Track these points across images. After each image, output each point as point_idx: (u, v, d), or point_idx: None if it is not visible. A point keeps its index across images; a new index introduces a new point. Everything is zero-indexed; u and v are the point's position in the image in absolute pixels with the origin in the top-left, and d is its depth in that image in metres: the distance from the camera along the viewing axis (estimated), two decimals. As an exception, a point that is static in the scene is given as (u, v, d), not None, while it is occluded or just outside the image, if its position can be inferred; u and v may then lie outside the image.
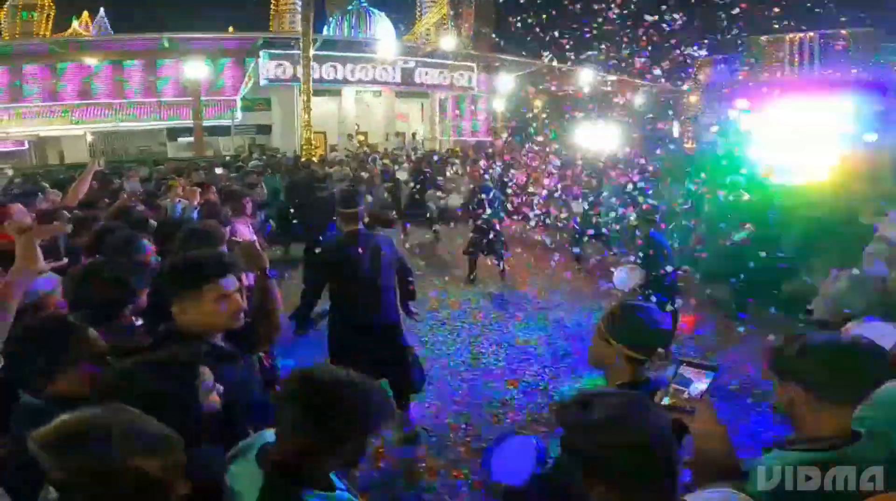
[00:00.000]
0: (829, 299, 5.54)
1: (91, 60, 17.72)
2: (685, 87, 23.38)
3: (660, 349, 1.66)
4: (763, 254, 5.74)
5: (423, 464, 3.37)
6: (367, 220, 3.63)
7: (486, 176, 8.37)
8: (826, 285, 5.64)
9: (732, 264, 6.01)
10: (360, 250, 3.35)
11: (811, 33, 20.19)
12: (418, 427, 3.69)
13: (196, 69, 16.64)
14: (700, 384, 1.28)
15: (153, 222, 3.35)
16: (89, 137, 18.18)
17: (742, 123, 13.16)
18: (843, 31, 19.33)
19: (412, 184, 9.95)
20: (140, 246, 2.55)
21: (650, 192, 7.74)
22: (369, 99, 20.06)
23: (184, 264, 1.76)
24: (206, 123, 18.01)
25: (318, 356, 4.74)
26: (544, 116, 22.42)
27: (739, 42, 21.98)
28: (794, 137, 9.47)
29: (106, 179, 6.03)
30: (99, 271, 1.99)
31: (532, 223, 8.74)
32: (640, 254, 4.73)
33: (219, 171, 7.77)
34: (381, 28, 24.49)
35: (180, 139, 18.62)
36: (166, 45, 17.11)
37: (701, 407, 1.24)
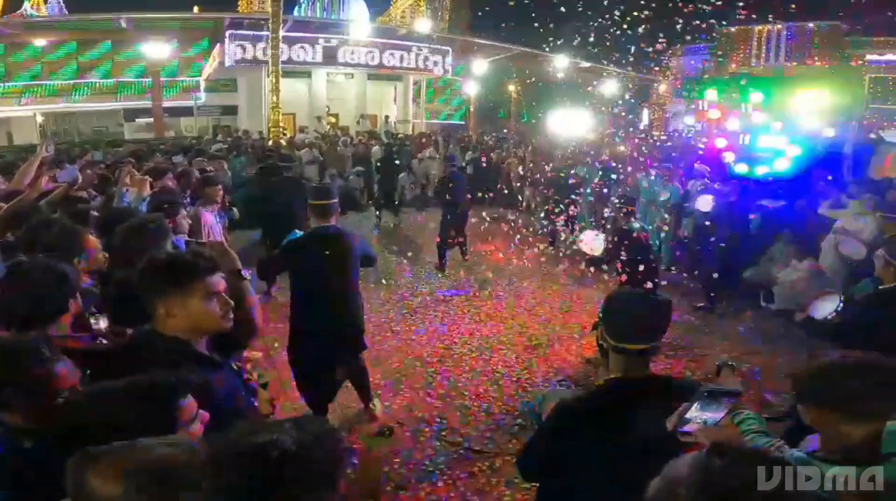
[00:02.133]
0: (787, 290, 5.75)
1: (42, 42, 16.80)
2: (656, 76, 23.68)
3: (652, 344, 1.56)
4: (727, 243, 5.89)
5: (398, 459, 3.31)
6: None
7: (454, 164, 8.25)
8: (785, 274, 5.86)
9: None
10: (328, 251, 3.16)
11: (779, 25, 20.62)
12: (392, 422, 3.63)
13: (157, 50, 15.90)
14: (717, 414, 1.25)
15: (94, 214, 3.10)
16: (39, 118, 17.18)
17: (710, 113, 13.45)
18: (811, 25, 19.82)
19: (384, 168, 9.72)
20: (84, 240, 2.34)
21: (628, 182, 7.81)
22: (341, 81, 19.54)
23: (170, 260, 1.63)
24: (166, 104, 17.25)
25: (280, 350, 4.64)
26: (519, 100, 22.44)
27: (709, 32, 22.31)
28: (757, 129, 9.71)
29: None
30: (23, 274, 1.76)
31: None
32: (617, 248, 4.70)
33: (178, 159, 7.33)
34: (355, 10, 23.72)
35: (138, 120, 17.76)
36: (123, 25, 16.23)
37: (722, 435, 1.23)
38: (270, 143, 11.76)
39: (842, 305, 3.13)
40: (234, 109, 18.52)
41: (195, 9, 20.43)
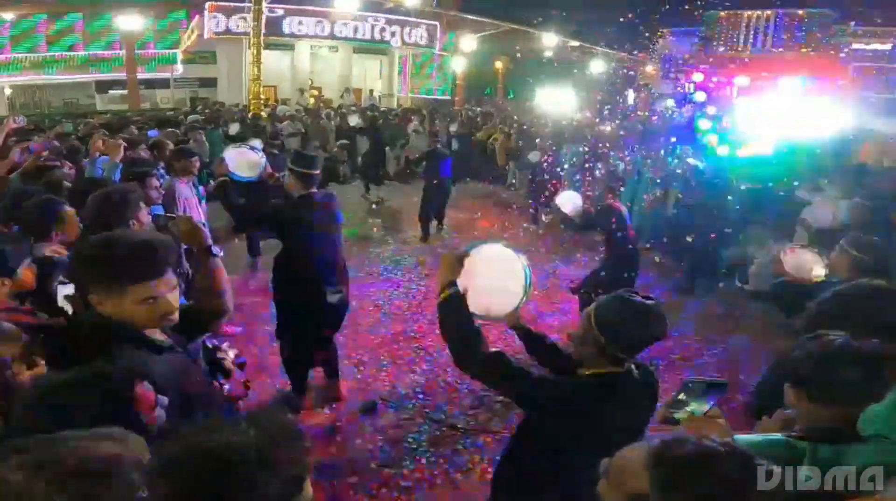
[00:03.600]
0: (761, 273, 5.83)
1: (10, 15, 15.91)
2: (644, 57, 23.56)
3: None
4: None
5: (381, 436, 3.28)
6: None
7: (439, 140, 8.18)
8: (761, 256, 5.96)
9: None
10: (314, 216, 3.11)
11: (769, 11, 20.56)
12: (375, 399, 3.60)
13: (130, 21, 15.23)
14: (702, 405, 1.22)
15: (67, 184, 2.96)
16: (7, 90, 16.40)
17: (696, 96, 13.47)
18: (800, 12, 19.79)
19: (370, 141, 9.57)
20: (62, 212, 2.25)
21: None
22: (325, 54, 19.00)
23: (109, 253, 1.38)
24: (142, 76, 16.59)
25: (262, 325, 4.56)
26: (506, 77, 22.18)
27: (698, 15, 22.18)
28: (742, 112, 9.76)
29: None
30: None
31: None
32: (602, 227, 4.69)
33: (153, 134, 7.01)
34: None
35: (112, 92, 17.06)
36: None
37: (709, 425, 1.21)
38: (251, 114, 11.43)
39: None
40: (214, 82, 17.90)
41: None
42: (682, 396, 1.22)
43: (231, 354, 2.46)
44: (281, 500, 0.79)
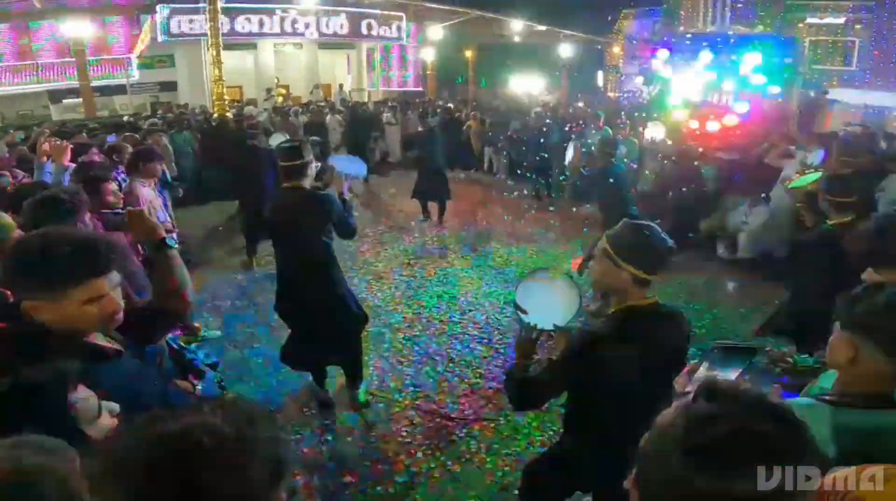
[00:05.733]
0: (748, 238, 5.92)
1: None
2: (609, 38, 23.72)
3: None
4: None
5: (373, 432, 3.17)
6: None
7: (430, 124, 8.09)
8: (734, 215, 6.03)
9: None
10: (304, 211, 2.96)
11: (723, -10, 20.89)
12: (366, 393, 3.48)
13: (78, 28, 14.59)
14: (731, 372, 1.14)
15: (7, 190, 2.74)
16: (-44, 105, 15.59)
17: (664, 72, 13.63)
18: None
19: (350, 134, 9.37)
20: None
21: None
22: (290, 51, 18.52)
23: (44, 253, 1.24)
24: (96, 83, 15.91)
25: (244, 328, 4.40)
26: (476, 65, 22.05)
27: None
28: (709, 87, 9.90)
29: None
30: None
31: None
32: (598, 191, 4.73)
33: (111, 139, 6.63)
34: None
35: (66, 101, 16.39)
36: (37, 5, 14.77)
37: None
38: (215, 116, 11.06)
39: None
40: (174, 85, 17.34)
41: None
42: (705, 363, 1.13)
43: (201, 354, 2.32)
44: (262, 488, 0.66)
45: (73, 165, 3.21)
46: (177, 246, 1.67)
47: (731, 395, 0.70)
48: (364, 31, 18.38)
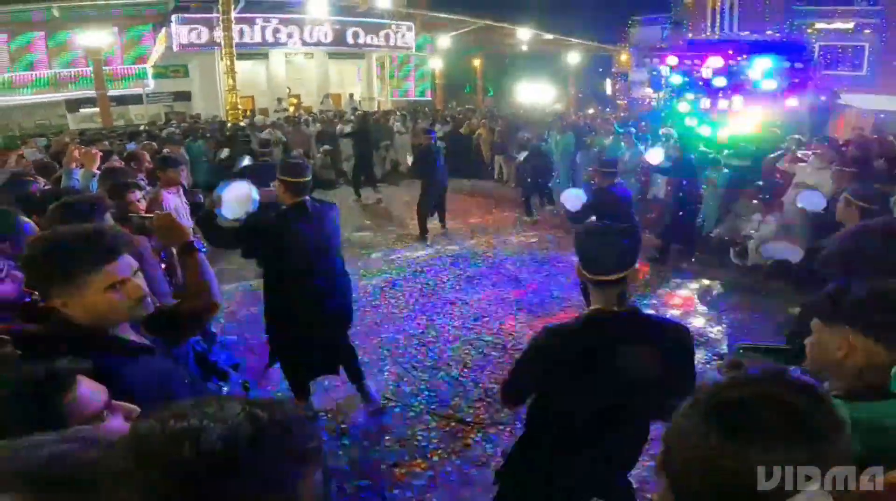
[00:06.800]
0: (759, 245, 5.88)
1: None
2: (617, 46, 23.77)
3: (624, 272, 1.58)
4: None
5: (389, 436, 3.20)
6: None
7: (434, 137, 8.12)
8: (746, 222, 6.00)
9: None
10: (308, 225, 2.92)
11: (730, -5, 20.90)
12: (381, 398, 3.51)
13: (95, 38, 14.90)
14: None
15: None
16: (-24, 115, 15.95)
17: (672, 79, 13.61)
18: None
19: (360, 143, 9.45)
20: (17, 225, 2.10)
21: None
22: (300, 61, 18.79)
23: (51, 248, 1.30)
24: (112, 93, 16.23)
25: (260, 334, 4.46)
26: (484, 74, 22.17)
27: (668, 2, 22.44)
28: (720, 94, 9.87)
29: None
30: None
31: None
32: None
33: (131, 146, 6.76)
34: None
35: (83, 110, 16.68)
36: (56, 14, 15.13)
37: None
38: (229, 125, 11.25)
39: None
40: (188, 95, 17.62)
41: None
42: (730, 365, 1.14)
43: (223, 356, 2.37)
44: (285, 481, 0.66)
45: (99, 172, 3.29)
46: (203, 250, 1.73)
47: (759, 367, 0.73)
48: (373, 40, 18.59)
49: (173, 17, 15.89)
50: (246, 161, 5.60)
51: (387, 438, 3.18)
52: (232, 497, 0.63)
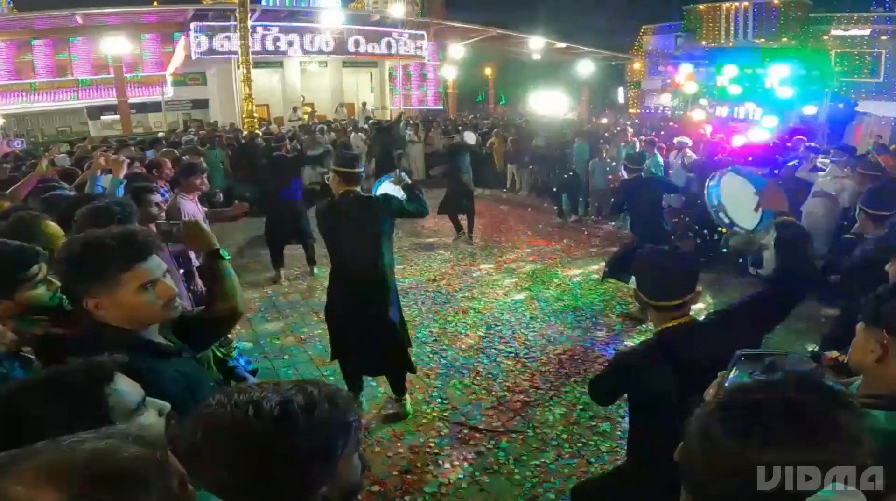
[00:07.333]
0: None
1: None
2: (630, 55, 23.75)
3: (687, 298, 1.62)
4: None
5: (401, 442, 3.22)
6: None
7: (458, 142, 8.24)
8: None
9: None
10: (357, 213, 3.12)
11: (746, 2, 20.77)
12: (412, 406, 3.53)
13: (116, 45, 15.29)
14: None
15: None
16: (0, 120, 16.40)
17: (687, 88, 13.56)
18: (776, 1, 20.00)
19: (381, 149, 9.58)
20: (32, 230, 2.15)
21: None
22: (315, 70, 19.07)
23: (84, 249, 1.33)
24: (132, 100, 16.62)
25: (275, 340, 4.53)
26: (497, 83, 22.26)
27: (681, 10, 22.39)
28: (736, 101, 9.82)
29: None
30: None
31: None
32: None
33: (150, 154, 6.93)
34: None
35: (104, 117, 17.08)
36: (80, 21, 15.55)
37: None
38: (245, 133, 11.43)
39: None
40: (206, 103, 17.94)
41: (154, 2, 19.59)
42: (734, 370, 1.13)
43: (241, 361, 2.42)
44: (331, 447, 0.79)
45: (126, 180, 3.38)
46: (229, 257, 1.78)
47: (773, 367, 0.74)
48: (386, 49, 18.79)
49: (192, 26, 16.24)
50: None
51: (399, 444, 3.20)
52: (288, 456, 0.75)
